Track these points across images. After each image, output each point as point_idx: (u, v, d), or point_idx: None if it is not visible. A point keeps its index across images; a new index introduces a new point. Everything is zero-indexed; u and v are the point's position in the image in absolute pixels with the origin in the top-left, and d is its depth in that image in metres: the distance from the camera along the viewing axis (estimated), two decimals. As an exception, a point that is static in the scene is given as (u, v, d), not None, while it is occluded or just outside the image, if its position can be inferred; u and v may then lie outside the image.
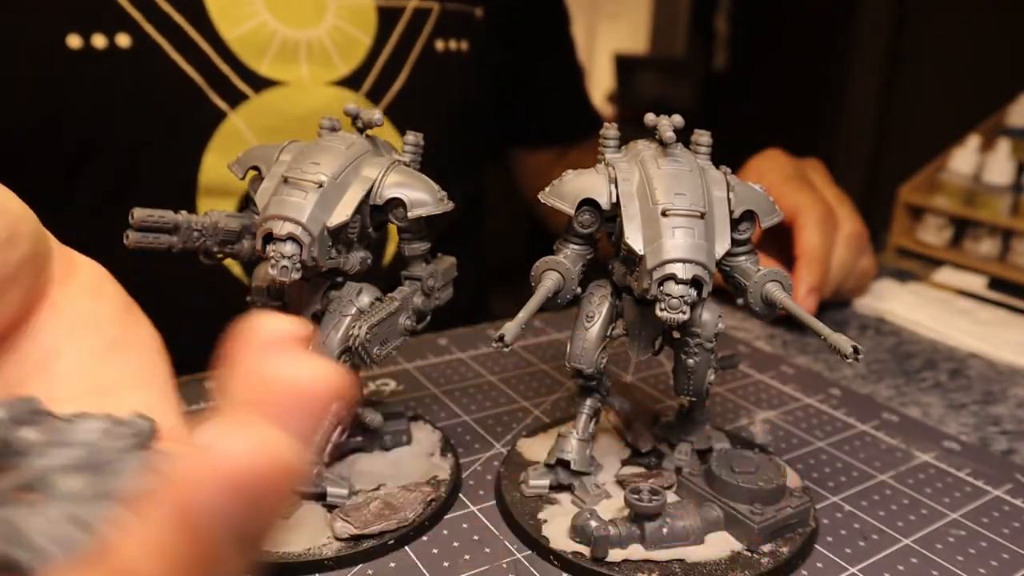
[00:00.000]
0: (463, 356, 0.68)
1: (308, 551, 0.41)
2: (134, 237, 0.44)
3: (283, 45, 0.70)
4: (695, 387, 0.45)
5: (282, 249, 0.39)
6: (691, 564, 0.41)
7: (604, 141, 0.45)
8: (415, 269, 0.47)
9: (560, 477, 0.47)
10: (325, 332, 0.43)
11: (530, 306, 0.39)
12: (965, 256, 1.00)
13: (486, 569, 0.42)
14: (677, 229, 0.39)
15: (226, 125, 0.69)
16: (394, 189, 0.43)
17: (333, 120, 0.46)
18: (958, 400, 0.66)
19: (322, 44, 0.71)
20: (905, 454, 0.55)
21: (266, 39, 0.69)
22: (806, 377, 0.67)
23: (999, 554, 0.45)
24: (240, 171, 0.45)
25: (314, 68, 0.71)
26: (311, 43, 0.71)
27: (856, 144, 2.71)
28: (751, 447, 0.53)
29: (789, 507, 0.43)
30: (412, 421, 0.54)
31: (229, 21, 0.68)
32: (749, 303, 0.44)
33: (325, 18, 0.72)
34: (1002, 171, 0.98)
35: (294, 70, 0.71)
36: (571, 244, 0.45)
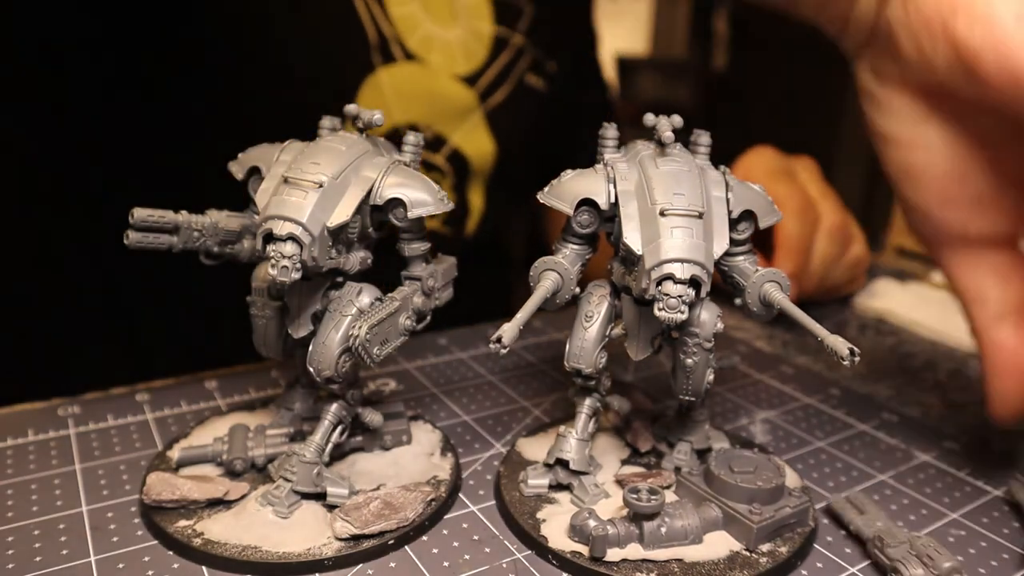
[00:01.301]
0: (463, 356, 0.68)
1: (308, 551, 0.41)
2: (134, 237, 0.45)
3: (426, 33, 0.79)
4: (694, 387, 0.45)
5: (282, 249, 0.39)
6: (689, 564, 0.41)
7: (603, 141, 0.45)
8: (415, 269, 0.47)
9: (559, 477, 0.47)
10: (325, 332, 0.43)
11: (528, 307, 0.39)
12: (965, 256, 1.00)
13: (486, 569, 0.42)
14: (675, 229, 0.39)
15: (374, 78, 0.76)
16: (394, 189, 0.43)
17: (333, 120, 0.46)
18: (958, 400, 0.66)
19: (450, 44, 0.81)
20: (905, 454, 0.55)
21: (415, 23, 0.78)
22: (806, 377, 0.67)
23: (999, 554, 0.45)
24: (240, 171, 0.45)
25: (442, 59, 0.80)
26: (444, 39, 0.81)
27: (856, 144, 2.71)
28: (750, 447, 0.53)
29: (788, 507, 0.43)
30: (412, 421, 0.54)
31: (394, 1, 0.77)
32: (747, 303, 0.44)
33: (457, 25, 0.82)
34: (1002, 171, 0.98)
35: (430, 55, 0.79)
36: (570, 244, 0.45)
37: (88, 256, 0.74)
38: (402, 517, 0.43)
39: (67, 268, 0.75)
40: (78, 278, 0.75)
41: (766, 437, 0.57)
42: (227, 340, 0.68)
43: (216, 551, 0.41)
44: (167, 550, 0.42)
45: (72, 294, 0.75)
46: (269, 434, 0.49)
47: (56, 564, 0.41)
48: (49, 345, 0.75)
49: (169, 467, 0.48)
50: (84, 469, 0.49)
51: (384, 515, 0.43)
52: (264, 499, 0.44)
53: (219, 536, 0.42)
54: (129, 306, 0.77)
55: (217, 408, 0.57)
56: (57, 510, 0.45)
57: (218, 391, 0.60)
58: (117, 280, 0.75)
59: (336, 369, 0.43)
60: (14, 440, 0.52)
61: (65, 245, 0.74)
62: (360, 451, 0.51)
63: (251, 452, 0.47)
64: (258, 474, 0.48)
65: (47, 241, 0.74)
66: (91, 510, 0.45)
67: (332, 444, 0.47)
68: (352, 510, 0.43)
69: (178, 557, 0.42)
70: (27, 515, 0.45)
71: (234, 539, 0.42)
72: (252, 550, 0.41)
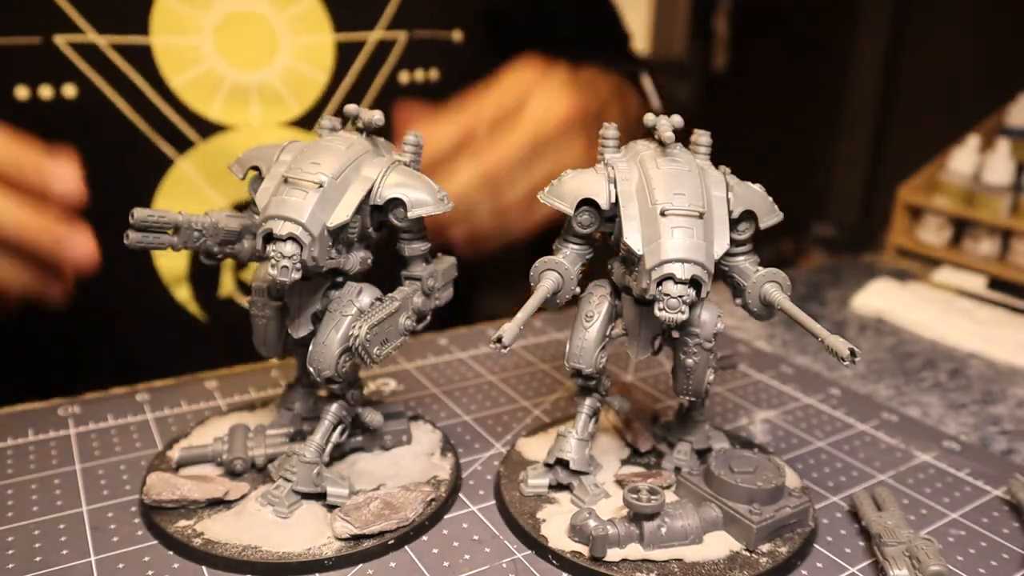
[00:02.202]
0: (463, 356, 0.68)
1: (308, 551, 0.41)
2: (134, 236, 0.45)
3: (232, 89, 0.69)
4: (694, 387, 0.45)
5: (282, 249, 0.39)
6: (689, 564, 0.41)
7: (603, 141, 0.45)
8: (415, 269, 0.47)
9: (559, 477, 0.47)
10: (325, 332, 0.43)
11: (529, 307, 0.39)
12: (964, 256, 1.00)
13: (486, 569, 0.42)
14: (676, 229, 0.39)
15: (174, 171, 0.69)
16: (394, 189, 0.43)
17: (333, 120, 0.46)
18: (958, 400, 0.66)
19: (273, 87, 0.71)
20: (905, 454, 0.55)
21: (214, 84, 0.69)
22: (806, 377, 0.67)
23: (999, 554, 0.45)
24: (240, 171, 0.45)
25: (266, 109, 0.71)
26: (262, 86, 0.70)
27: (856, 144, 2.71)
28: (750, 447, 0.53)
29: (788, 507, 0.43)
30: (412, 421, 0.54)
31: (175, 68, 0.68)
32: (747, 303, 0.44)
33: (277, 59, 0.71)
34: (1002, 171, 0.98)
35: (244, 113, 0.70)
36: (570, 244, 0.45)
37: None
38: (402, 517, 0.43)
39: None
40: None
41: (766, 437, 0.57)
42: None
43: (216, 551, 0.41)
44: (167, 550, 0.42)
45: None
46: (269, 434, 0.49)
47: (56, 564, 0.41)
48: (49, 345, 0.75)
49: (169, 467, 0.48)
50: (84, 469, 0.49)
51: (384, 515, 0.43)
52: (264, 499, 0.44)
53: (219, 536, 0.42)
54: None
55: (217, 408, 0.57)
56: (57, 510, 0.45)
57: (218, 391, 0.60)
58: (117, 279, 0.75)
59: (336, 369, 0.43)
60: (14, 440, 0.52)
61: None
62: (360, 451, 0.51)
63: (251, 452, 0.47)
64: (258, 474, 0.48)
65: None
66: (91, 510, 0.45)
67: (332, 444, 0.47)
68: (352, 510, 0.43)
69: (178, 557, 0.42)
70: (27, 515, 0.45)
71: (234, 539, 0.42)
72: (252, 550, 0.41)
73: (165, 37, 0.67)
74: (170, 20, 0.67)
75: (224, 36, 0.69)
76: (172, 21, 0.67)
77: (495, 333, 0.37)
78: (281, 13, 0.70)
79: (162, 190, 0.69)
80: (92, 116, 0.66)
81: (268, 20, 0.70)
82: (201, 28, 0.68)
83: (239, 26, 0.69)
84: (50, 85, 0.65)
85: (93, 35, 0.65)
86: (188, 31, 0.68)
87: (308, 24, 0.71)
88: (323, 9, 0.72)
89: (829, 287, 0.94)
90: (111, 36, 0.65)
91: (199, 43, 0.68)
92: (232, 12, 0.69)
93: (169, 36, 0.67)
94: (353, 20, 0.73)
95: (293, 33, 0.71)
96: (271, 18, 0.70)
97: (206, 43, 0.68)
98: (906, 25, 2.54)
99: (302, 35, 0.71)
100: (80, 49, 0.65)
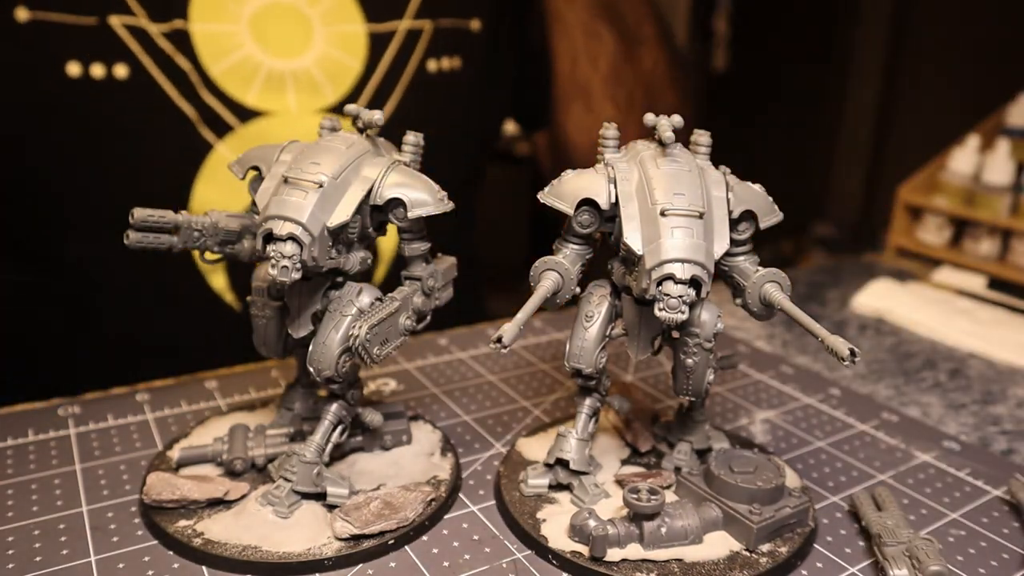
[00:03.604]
0: (463, 356, 0.68)
1: (308, 551, 0.41)
2: (135, 236, 0.45)
3: (269, 76, 0.71)
4: (694, 387, 0.45)
5: (282, 249, 0.39)
6: (689, 564, 0.41)
7: (603, 141, 0.45)
8: (415, 269, 0.47)
9: (559, 476, 0.47)
10: (325, 332, 0.43)
11: (529, 307, 0.39)
12: (965, 256, 1.00)
13: (486, 569, 0.42)
14: (676, 229, 0.39)
15: (214, 156, 0.70)
16: (394, 189, 0.43)
17: (333, 120, 0.46)
18: (958, 400, 0.66)
19: (309, 73, 0.72)
20: (905, 454, 0.55)
21: (251, 71, 0.70)
22: (806, 377, 0.67)
23: (999, 554, 0.45)
24: (240, 171, 0.45)
25: (302, 97, 0.72)
26: (297, 73, 0.72)
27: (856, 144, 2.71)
28: (750, 447, 0.53)
29: (788, 507, 0.43)
30: (412, 421, 0.54)
31: (214, 55, 0.69)
32: (747, 303, 0.44)
33: (313, 46, 0.72)
34: (1002, 171, 0.98)
35: (281, 100, 0.71)
36: (570, 244, 0.45)
37: (87, 278, 0.74)
38: (402, 517, 0.43)
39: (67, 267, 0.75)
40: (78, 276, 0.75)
41: (766, 437, 0.57)
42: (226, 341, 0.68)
43: (216, 551, 0.41)
44: (167, 550, 0.42)
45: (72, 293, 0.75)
46: (269, 434, 0.49)
47: (56, 564, 0.41)
48: (49, 345, 0.75)
49: (169, 467, 0.48)
50: (84, 469, 0.49)
51: (384, 515, 0.43)
52: (264, 499, 0.44)
53: (219, 536, 0.42)
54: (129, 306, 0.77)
55: (217, 408, 0.57)
56: (57, 510, 0.45)
57: (218, 391, 0.60)
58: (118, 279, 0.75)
59: (336, 369, 0.43)
60: (14, 440, 0.52)
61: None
62: (360, 451, 0.51)
63: (251, 452, 0.47)
64: (258, 474, 0.48)
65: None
66: (91, 510, 0.45)
67: (332, 444, 0.47)
68: (352, 510, 0.43)
69: (178, 557, 0.42)
70: (27, 515, 0.45)
71: (234, 539, 0.42)
72: (252, 550, 0.41)
73: (204, 24, 0.68)
74: (209, 7, 0.68)
75: (260, 25, 0.70)
76: (211, 8, 0.68)
77: (495, 333, 0.37)
78: (314, 7, 0.72)
79: (202, 175, 0.70)
80: (140, 98, 0.67)
81: (302, 12, 0.71)
82: (238, 16, 0.69)
83: (274, 16, 0.71)
84: (102, 64, 0.65)
85: (144, 21, 0.66)
86: (227, 19, 0.69)
87: (340, 15, 0.73)
88: (354, 1, 0.74)
89: (829, 287, 0.94)
90: (159, 24, 0.66)
91: (236, 31, 0.69)
92: (268, 2, 0.70)
93: (208, 23, 0.68)
94: (383, 11, 0.75)
95: (326, 24, 0.72)
96: (304, 10, 0.72)
97: (243, 31, 0.70)
98: (906, 25, 2.54)
99: (335, 25, 0.73)
100: (133, 31, 0.66)
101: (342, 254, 0.43)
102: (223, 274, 0.74)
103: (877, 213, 2.49)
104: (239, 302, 0.74)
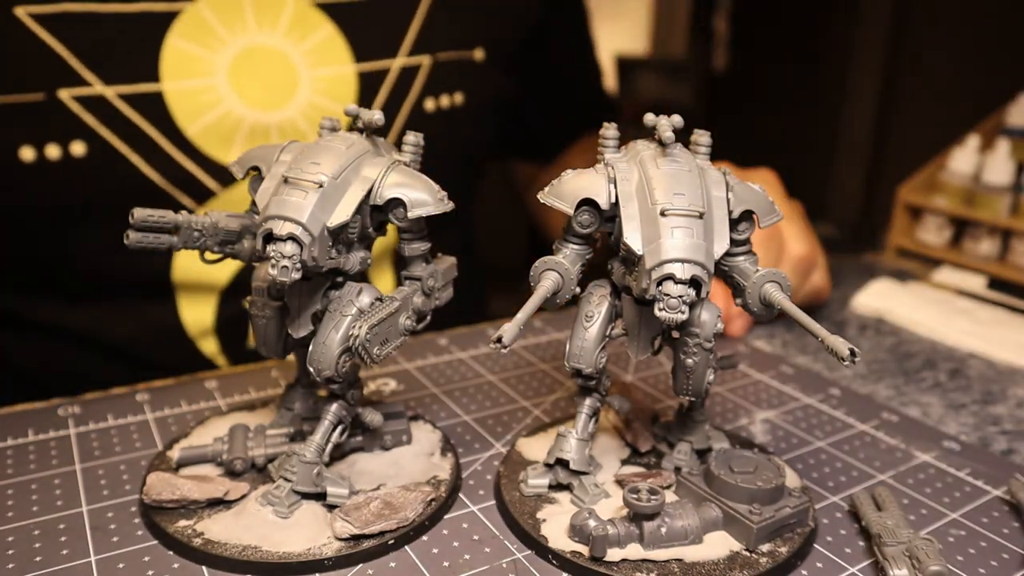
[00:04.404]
0: (463, 356, 0.68)
1: (308, 551, 0.41)
2: (135, 236, 0.45)
3: (252, 131, 0.66)
4: (694, 387, 0.45)
5: (282, 249, 0.39)
6: (689, 564, 0.41)
7: (603, 141, 0.45)
8: (415, 269, 0.47)
9: (559, 477, 0.47)
10: (325, 332, 0.43)
11: (529, 307, 0.39)
12: (965, 256, 1.00)
13: (486, 569, 0.42)
14: (676, 229, 0.39)
15: None
16: (394, 189, 0.43)
17: (333, 120, 0.46)
18: (958, 400, 0.66)
19: (295, 125, 0.67)
20: (905, 454, 0.55)
21: (232, 127, 0.65)
22: (806, 377, 0.67)
23: (999, 554, 0.45)
24: (240, 171, 0.45)
25: None
26: (283, 124, 0.66)
27: (856, 144, 2.71)
28: (750, 447, 0.53)
29: (788, 507, 0.43)
30: (412, 421, 0.54)
31: (190, 115, 0.64)
32: (747, 304, 0.44)
33: (297, 95, 0.67)
34: (1002, 171, 0.98)
35: None
36: (570, 244, 0.45)
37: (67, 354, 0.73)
38: (402, 517, 0.43)
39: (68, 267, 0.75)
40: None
41: (766, 437, 0.57)
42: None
43: (216, 551, 0.41)
44: (167, 550, 0.42)
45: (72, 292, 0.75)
46: (269, 434, 0.49)
47: (56, 564, 0.41)
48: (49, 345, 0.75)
49: (169, 467, 0.48)
50: (84, 469, 0.49)
51: (384, 515, 0.43)
52: (264, 499, 0.44)
53: (219, 536, 0.42)
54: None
55: (217, 408, 0.57)
56: (57, 510, 0.45)
57: (218, 391, 0.60)
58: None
59: (336, 369, 0.43)
60: (14, 440, 0.52)
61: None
62: (360, 451, 0.51)
63: (251, 452, 0.47)
64: (258, 474, 0.48)
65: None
66: (91, 510, 0.45)
67: (332, 444, 0.47)
68: (352, 510, 0.43)
69: (178, 557, 0.42)
70: (27, 515, 0.45)
71: (234, 539, 0.42)
72: (252, 550, 0.41)
73: (176, 82, 0.63)
74: (181, 63, 0.63)
75: (239, 75, 0.65)
76: (183, 64, 0.63)
77: (495, 333, 0.37)
78: (297, 46, 0.67)
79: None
80: (105, 173, 0.63)
81: (284, 54, 0.66)
82: (214, 69, 0.64)
83: (254, 63, 0.66)
84: (57, 144, 0.61)
85: (100, 87, 0.61)
86: (200, 73, 0.64)
87: (327, 56, 0.68)
88: (342, 39, 0.68)
89: (829, 287, 0.94)
90: (119, 87, 0.62)
91: (213, 85, 0.64)
92: (246, 48, 0.65)
93: (180, 81, 0.63)
94: (374, 48, 0.70)
95: (311, 66, 0.67)
96: (288, 51, 0.66)
97: (221, 84, 0.64)
98: (906, 25, 2.54)
99: (321, 67, 0.68)
100: (87, 102, 0.61)
101: (342, 254, 0.43)
102: (213, 339, 0.72)
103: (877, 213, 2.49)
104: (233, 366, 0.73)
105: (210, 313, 0.72)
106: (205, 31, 0.64)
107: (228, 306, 0.73)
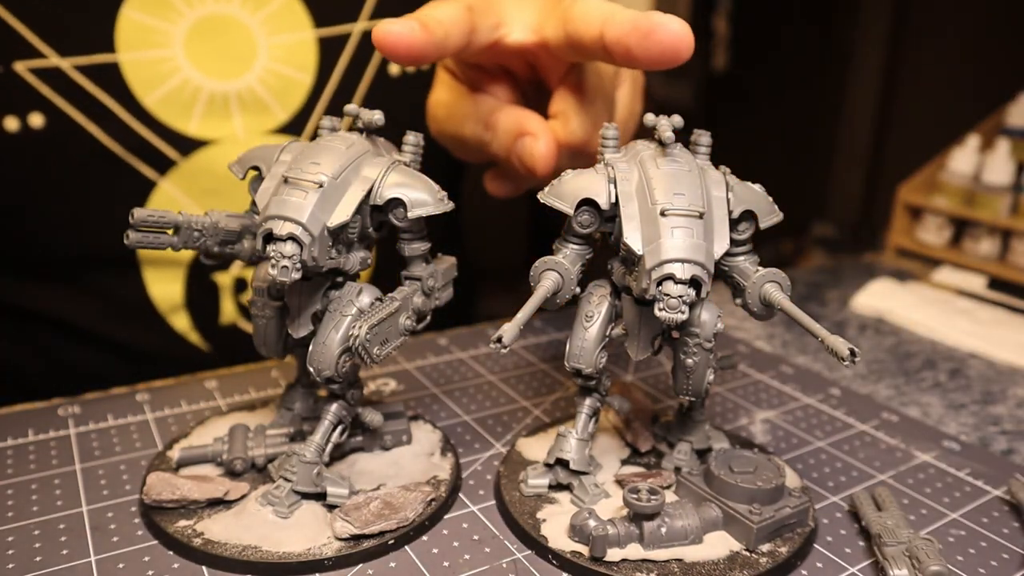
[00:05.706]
0: (463, 356, 0.68)
1: (308, 551, 0.41)
2: (134, 236, 0.44)
3: (211, 100, 0.65)
4: (694, 387, 0.45)
5: (282, 249, 0.39)
6: (689, 564, 0.41)
7: (603, 141, 0.45)
8: (415, 269, 0.47)
9: (559, 477, 0.47)
10: (325, 332, 0.43)
11: (529, 307, 0.39)
12: (965, 256, 1.00)
13: (486, 569, 0.42)
14: (676, 229, 0.39)
15: (157, 193, 0.66)
16: (394, 189, 0.43)
17: (333, 120, 0.46)
18: (958, 400, 0.66)
19: (254, 93, 0.66)
20: (905, 454, 0.55)
21: (190, 97, 0.65)
22: (806, 377, 0.67)
23: (999, 554, 0.45)
24: (240, 171, 0.45)
25: (248, 119, 0.67)
26: (241, 93, 0.66)
27: (856, 144, 2.71)
28: (750, 447, 0.53)
29: (788, 507, 0.43)
30: (412, 421, 0.54)
31: (147, 84, 0.64)
32: (747, 304, 0.44)
33: (256, 63, 0.66)
34: (1001, 171, 0.98)
35: (226, 125, 0.66)
36: (570, 244, 0.45)
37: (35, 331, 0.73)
38: (402, 517, 0.43)
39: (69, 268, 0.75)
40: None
41: (766, 437, 0.57)
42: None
43: (216, 551, 0.41)
44: (167, 550, 0.42)
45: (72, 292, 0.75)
46: (269, 434, 0.49)
47: (56, 564, 0.41)
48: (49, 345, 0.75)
49: (169, 467, 0.48)
50: (84, 469, 0.49)
51: (384, 515, 0.43)
52: (264, 499, 0.44)
53: (219, 536, 0.42)
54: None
55: (217, 408, 0.57)
56: (57, 510, 0.45)
57: (218, 391, 0.60)
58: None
59: (336, 369, 0.43)
60: (14, 440, 0.52)
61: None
62: (360, 451, 0.51)
63: (251, 452, 0.47)
64: (258, 474, 0.48)
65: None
66: (91, 510, 0.45)
67: (332, 444, 0.47)
68: (352, 510, 0.43)
69: (178, 557, 0.42)
70: (27, 515, 0.45)
71: (234, 539, 0.42)
72: (252, 550, 0.41)
73: (132, 53, 0.63)
74: (136, 35, 0.63)
75: (196, 45, 0.65)
76: (139, 35, 0.63)
77: (495, 333, 0.37)
78: (255, 14, 0.66)
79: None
80: (64, 145, 0.63)
81: (242, 22, 0.66)
82: (171, 39, 0.64)
83: (211, 32, 0.65)
84: (15, 116, 0.61)
85: (56, 58, 0.61)
86: (157, 44, 0.64)
87: (285, 22, 0.67)
88: (300, 4, 0.68)
89: (829, 287, 0.94)
90: (75, 58, 0.62)
91: (171, 55, 0.64)
92: (202, 17, 0.65)
93: (137, 52, 0.63)
94: (335, 12, 0.69)
95: (270, 33, 0.67)
96: (245, 20, 0.66)
97: (178, 55, 0.64)
98: (906, 25, 2.55)
99: (280, 34, 0.67)
100: (43, 74, 0.61)
101: (342, 254, 0.44)
102: (184, 314, 0.72)
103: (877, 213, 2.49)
104: (206, 342, 0.73)
105: (179, 287, 0.71)
106: (160, 3, 0.64)
107: (197, 280, 0.71)
